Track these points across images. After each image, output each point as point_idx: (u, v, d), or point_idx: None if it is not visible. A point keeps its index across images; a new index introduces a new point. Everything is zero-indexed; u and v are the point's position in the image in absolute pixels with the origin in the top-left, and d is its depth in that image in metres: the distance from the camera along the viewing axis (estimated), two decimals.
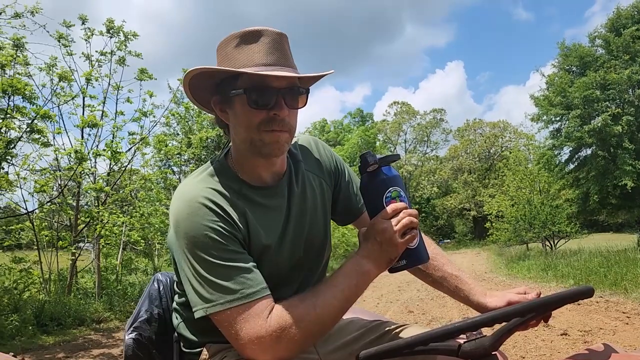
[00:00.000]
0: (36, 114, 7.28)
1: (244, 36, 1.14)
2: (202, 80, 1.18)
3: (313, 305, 1.07)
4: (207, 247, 1.08)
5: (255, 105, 1.12)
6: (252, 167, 1.22)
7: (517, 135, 53.10)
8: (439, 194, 54.44)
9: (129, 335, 1.36)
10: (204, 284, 1.08)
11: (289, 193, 1.27)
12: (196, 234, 1.09)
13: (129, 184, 9.80)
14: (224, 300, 1.06)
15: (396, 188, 1.15)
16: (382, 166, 1.16)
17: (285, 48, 1.17)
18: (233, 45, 1.15)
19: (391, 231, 1.08)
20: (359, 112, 65.81)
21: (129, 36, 9.16)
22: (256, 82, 1.12)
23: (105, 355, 5.56)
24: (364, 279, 1.11)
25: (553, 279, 11.33)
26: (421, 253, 1.15)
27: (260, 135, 1.13)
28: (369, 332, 1.30)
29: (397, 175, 1.17)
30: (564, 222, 17.99)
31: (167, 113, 10.69)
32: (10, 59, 7.04)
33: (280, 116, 1.12)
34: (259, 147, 1.15)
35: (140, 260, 11.39)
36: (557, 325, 5.93)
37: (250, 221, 1.17)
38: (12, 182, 6.90)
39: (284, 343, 1.05)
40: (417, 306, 8.46)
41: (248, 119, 1.14)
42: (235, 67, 1.13)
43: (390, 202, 1.13)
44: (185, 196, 1.14)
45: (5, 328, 6.01)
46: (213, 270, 1.08)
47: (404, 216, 1.10)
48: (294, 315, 1.06)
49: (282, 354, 1.06)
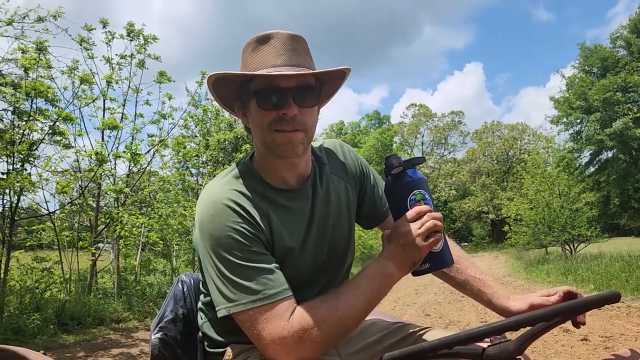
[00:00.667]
0: (58, 116, 7.41)
1: (258, 40, 1.18)
2: (225, 86, 1.21)
3: (335, 307, 1.07)
4: (231, 248, 1.10)
5: (264, 106, 1.15)
6: (274, 170, 1.24)
7: (536, 138, 52.49)
8: (457, 197, 54.01)
9: (155, 334, 1.38)
10: (227, 284, 1.10)
11: (313, 196, 1.28)
12: (220, 235, 1.11)
13: (148, 186, 9.90)
14: (246, 300, 1.08)
15: (420, 191, 1.14)
16: (407, 169, 1.15)
17: (296, 49, 1.18)
18: (250, 49, 1.19)
19: (414, 234, 1.07)
20: (376, 114, 65.68)
21: (148, 39, 9.27)
22: (264, 84, 1.14)
23: (124, 354, 5.62)
24: (386, 281, 1.11)
25: (573, 283, 11.16)
26: (445, 257, 1.14)
27: (273, 136, 1.15)
28: (391, 334, 1.30)
29: (422, 178, 1.16)
30: (584, 226, 17.70)
31: (185, 115, 10.78)
32: (33, 62, 7.16)
33: (289, 115, 1.13)
34: (273, 148, 1.17)
35: (159, 261, 11.50)
36: (578, 330, 5.83)
37: (273, 223, 1.18)
38: (35, 184, 7.01)
39: (306, 344, 1.05)
40: (434, 309, 8.41)
41: (260, 120, 1.16)
42: (250, 70, 1.16)
43: (415, 204, 1.13)
44: (211, 198, 1.16)
45: (27, 326, 6.11)
46: (236, 270, 1.10)
47: (428, 219, 1.09)
48: (316, 317, 1.06)
49: (305, 354, 1.06)
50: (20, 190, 6.78)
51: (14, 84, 7.01)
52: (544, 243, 19.79)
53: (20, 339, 5.81)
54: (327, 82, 1.26)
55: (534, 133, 52.75)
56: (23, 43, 7.43)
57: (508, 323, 0.80)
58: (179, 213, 9.54)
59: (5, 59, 7.35)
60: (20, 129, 6.99)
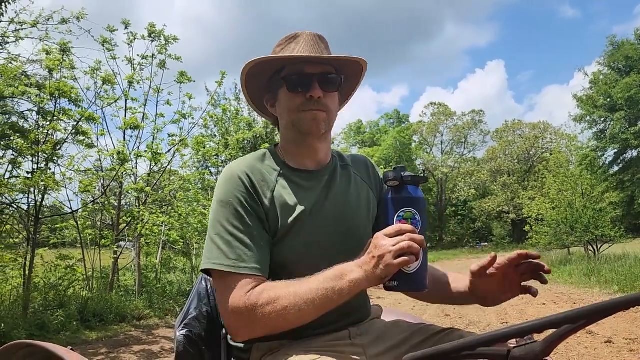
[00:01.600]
0: (81, 116, 7.53)
1: (287, 39, 1.36)
2: (257, 79, 1.37)
3: (294, 294, 1.12)
4: (227, 214, 1.23)
5: (293, 89, 1.30)
6: (295, 154, 1.37)
7: (558, 137, 51.74)
8: (477, 196, 53.49)
9: (180, 332, 1.40)
10: (213, 243, 1.21)
11: (330, 179, 1.38)
12: (223, 200, 1.25)
13: (168, 185, 10.01)
14: (218, 262, 1.18)
15: (411, 210, 1.13)
16: (406, 184, 1.14)
17: (320, 45, 1.35)
18: (280, 48, 1.36)
19: (386, 250, 1.07)
20: (395, 113, 65.35)
21: (169, 40, 9.36)
22: (293, 70, 1.31)
23: (145, 351, 5.69)
24: (352, 286, 1.11)
25: (596, 284, 10.97)
26: (416, 280, 1.12)
27: (299, 115, 1.30)
28: (415, 335, 1.29)
29: (418, 198, 1.15)
30: (608, 226, 17.36)
31: (205, 115, 10.87)
32: (57, 63, 7.29)
33: (315, 97, 1.29)
34: (300, 126, 1.31)
35: (179, 260, 11.62)
36: (601, 332, 5.74)
37: (282, 196, 1.28)
38: (59, 183, 7.14)
39: (257, 319, 1.13)
40: (454, 310, 8.34)
41: (289, 103, 1.32)
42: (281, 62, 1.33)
43: (401, 221, 1.12)
44: (228, 169, 1.31)
45: (51, 323, 6.22)
46: (223, 235, 1.21)
47: (405, 239, 1.07)
48: (272, 296, 1.12)
49: (255, 329, 1.15)
50: (44, 189, 6.91)
51: (38, 84, 7.15)
52: (566, 243, 19.47)
53: (44, 335, 5.93)
54: (345, 78, 1.39)
55: (556, 132, 52.00)
56: (47, 44, 7.58)
57: (532, 325, 0.79)
58: (199, 212, 9.62)
59: (31, 60, 7.51)
60: (44, 129, 7.12)
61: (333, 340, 1.25)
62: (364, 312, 1.38)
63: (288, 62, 1.32)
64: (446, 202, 56.62)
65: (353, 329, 1.29)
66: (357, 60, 1.35)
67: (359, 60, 1.35)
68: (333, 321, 1.27)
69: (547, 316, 0.79)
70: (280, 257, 1.26)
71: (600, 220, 17.40)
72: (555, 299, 9.23)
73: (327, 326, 1.27)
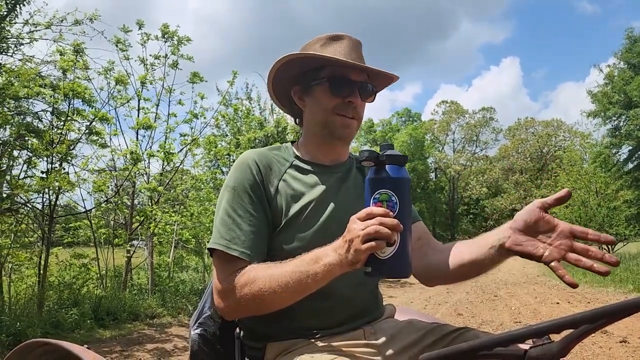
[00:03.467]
0: (95, 116, 7.59)
1: (330, 38, 1.37)
2: (291, 69, 1.38)
3: (270, 276, 1.14)
4: (230, 199, 1.27)
5: (336, 92, 1.32)
6: (314, 149, 1.40)
7: (572, 134, 51.23)
8: (489, 195, 53.13)
9: (195, 330, 1.41)
10: (215, 226, 1.27)
11: (344, 177, 1.40)
12: (229, 184, 1.30)
13: (181, 184, 10.06)
14: (214, 242, 1.23)
15: (387, 192, 1.05)
16: (384, 164, 1.07)
17: (361, 52, 1.39)
18: (319, 44, 1.37)
19: (356, 234, 1.03)
20: (406, 111, 65.05)
21: (182, 41, 9.40)
22: (338, 73, 1.32)
23: (158, 349, 5.73)
24: (325, 270, 1.09)
25: (611, 283, 10.86)
26: (393, 267, 1.04)
27: (334, 118, 1.33)
28: (429, 334, 1.29)
29: (395, 178, 1.06)
30: (623, 225, 17.20)
31: (217, 114, 10.90)
32: (71, 64, 7.36)
33: (354, 104, 1.33)
34: (332, 129, 1.34)
35: (191, 258, 11.68)
36: (616, 332, 5.68)
37: (291, 185, 1.31)
38: (73, 183, 7.20)
39: (238, 300, 1.17)
40: (466, 309, 8.30)
41: (326, 103, 1.33)
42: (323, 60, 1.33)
43: (376, 204, 1.05)
44: (242, 156, 1.35)
45: (66, 321, 6.28)
46: (223, 217, 1.26)
47: (374, 223, 1.01)
48: (252, 277, 1.16)
49: (238, 309, 1.20)
50: (58, 189, 6.98)
51: (52, 85, 7.21)
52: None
53: (59, 333, 5.99)
54: (375, 83, 1.42)
55: (570, 129, 51.49)
56: (61, 45, 7.65)
57: (549, 326, 0.78)
58: (211, 211, 9.66)
59: (45, 61, 7.57)
60: (58, 129, 7.19)
61: (348, 340, 1.25)
62: (377, 311, 1.38)
63: (331, 63, 1.33)
64: (458, 200, 56.33)
65: (367, 328, 1.29)
66: (392, 76, 1.40)
67: (393, 76, 1.41)
68: (347, 321, 1.28)
69: (564, 316, 0.78)
70: (285, 246, 1.27)
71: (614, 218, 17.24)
72: (569, 298, 9.15)
73: (341, 326, 1.27)
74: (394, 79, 1.41)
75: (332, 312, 1.27)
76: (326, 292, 1.23)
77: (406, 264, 1.07)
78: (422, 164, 49.66)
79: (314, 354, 1.18)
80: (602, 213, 17.43)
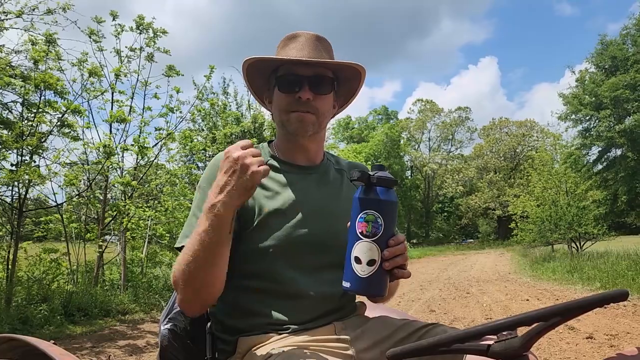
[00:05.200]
0: (67, 108, 7.44)
1: (287, 38, 1.39)
2: (258, 77, 1.41)
3: (182, 252, 1.16)
4: (200, 197, 1.27)
5: (284, 89, 1.33)
6: (287, 149, 1.40)
7: (544, 135, 52.23)
8: (464, 193, 53.88)
9: (165, 325, 1.39)
10: (185, 223, 1.28)
11: (319, 177, 1.41)
12: (200, 184, 1.31)
13: (155, 179, 9.94)
14: (180, 239, 1.25)
15: (374, 213, 1.07)
16: (374, 185, 1.08)
17: (318, 47, 1.37)
18: (280, 47, 1.39)
19: (249, 160, 1.07)
20: (383, 109, 65.49)
21: (158, 33, 9.27)
22: (286, 71, 1.33)
23: (130, 346, 5.67)
24: (215, 215, 1.09)
25: (579, 281, 11.13)
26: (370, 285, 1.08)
27: (288, 116, 1.33)
28: (399, 330, 1.30)
29: (384, 201, 1.08)
30: (591, 224, 17.59)
31: (193, 109, 10.79)
32: (42, 54, 7.19)
33: (303, 98, 1.30)
34: (287, 126, 1.34)
35: (165, 254, 11.55)
36: (583, 328, 5.83)
37: (267, 185, 1.31)
38: (44, 176, 7.05)
39: (178, 290, 1.18)
40: (439, 305, 8.42)
41: (279, 102, 1.34)
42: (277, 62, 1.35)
43: (362, 224, 1.08)
44: (217, 155, 1.32)
45: (34, 317, 6.17)
46: (191, 217, 1.27)
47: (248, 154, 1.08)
48: (175, 263, 1.18)
49: (182, 301, 1.20)
50: (29, 182, 6.83)
51: (23, 75, 7.05)
52: (550, 240, 19.70)
53: (27, 329, 5.88)
54: (343, 80, 1.42)
55: (542, 130, 52.51)
56: (33, 35, 7.47)
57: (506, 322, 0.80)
58: (186, 206, 9.58)
59: (16, 51, 7.39)
60: (29, 121, 7.03)
61: (319, 334, 1.26)
62: (348, 307, 1.39)
63: (283, 62, 1.33)
64: (433, 198, 56.96)
65: (338, 323, 1.30)
66: (353, 65, 1.36)
67: (354, 65, 1.36)
68: (318, 317, 1.28)
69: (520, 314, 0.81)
70: (259, 245, 1.27)
71: (583, 217, 17.62)
72: (539, 295, 9.35)
73: (313, 321, 1.28)
74: (359, 69, 1.37)
75: (304, 308, 1.27)
76: (299, 290, 1.25)
77: (384, 284, 1.11)
78: (398, 162, 50.04)
79: (285, 348, 1.18)
80: (572, 212, 17.80)
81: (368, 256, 1.07)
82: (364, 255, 1.07)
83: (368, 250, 1.07)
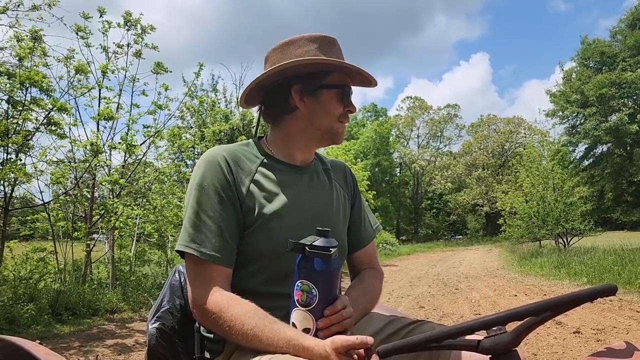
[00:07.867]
0: (53, 106, 7.35)
1: (327, 42, 1.35)
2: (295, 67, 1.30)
3: (244, 324, 1.13)
4: (200, 196, 1.24)
5: (345, 100, 1.34)
6: (292, 150, 1.38)
7: (531, 132, 52.62)
8: (452, 190, 54.14)
9: (152, 325, 1.39)
10: (184, 226, 1.24)
11: (312, 177, 1.41)
12: (199, 182, 1.25)
13: (143, 177, 9.87)
14: (185, 244, 1.21)
15: (309, 284, 1.07)
16: (311, 256, 1.07)
17: None
18: (315, 46, 1.33)
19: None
20: (372, 106, 65.56)
21: (146, 29, 9.19)
22: (342, 81, 1.34)
23: (119, 345, 5.63)
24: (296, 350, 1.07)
25: (566, 276, 11.24)
26: None
27: (338, 125, 1.35)
28: (388, 326, 1.31)
29: (320, 272, 1.07)
30: (578, 220, 17.80)
31: (182, 106, 10.73)
32: (28, 51, 7.10)
33: (353, 111, 1.38)
34: (334, 135, 1.36)
35: (154, 252, 11.49)
36: (570, 323, 5.89)
37: (262, 186, 1.29)
38: (30, 174, 6.97)
39: (211, 323, 1.17)
40: (428, 302, 8.46)
41: (334, 110, 1.33)
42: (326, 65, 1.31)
43: (297, 292, 1.09)
44: (207, 153, 1.30)
45: (21, 316, 6.10)
46: (193, 218, 1.23)
47: None
48: (230, 315, 1.14)
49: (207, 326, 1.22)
50: (14, 180, 6.75)
51: (8, 72, 6.96)
52: (538, 236, 19.90)
53: (14, 329, 5.82)
54: None
55: (530, 127, 52.89)
56: (17, 31, 7.37)
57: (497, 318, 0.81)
58: (174, 204, 9.52)
59: (0, 47, 7.29)
60: (14, 119, 6.94)
61: None
62: None
63: (336, 68, 1.33)
64: (422, 195, 57.18)
65: None
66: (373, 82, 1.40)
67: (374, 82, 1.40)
68: None
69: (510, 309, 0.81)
70: (257, 247, 1.26)
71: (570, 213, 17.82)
72: (527, 291, 9.43)
73: None
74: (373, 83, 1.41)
75: None
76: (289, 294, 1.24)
77: None
78: (387, 159, 50.15)
79: None
80: (559, 208, 17.99)
81: (303, 324, 1.09)
82: (299, 324, 1.10)
83: (303, 319, 1.09)
